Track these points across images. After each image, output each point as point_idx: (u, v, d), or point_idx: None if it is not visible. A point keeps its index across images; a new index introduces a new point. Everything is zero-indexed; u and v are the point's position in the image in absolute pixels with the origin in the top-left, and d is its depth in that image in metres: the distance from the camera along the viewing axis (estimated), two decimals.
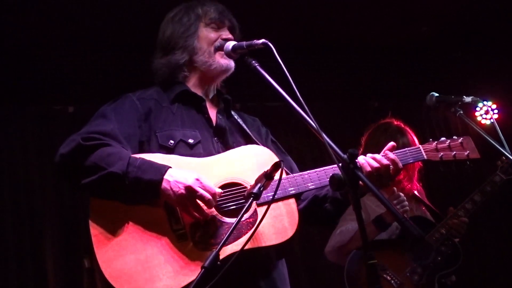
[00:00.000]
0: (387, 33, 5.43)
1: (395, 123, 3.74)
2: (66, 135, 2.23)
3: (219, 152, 2.34)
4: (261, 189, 1.95)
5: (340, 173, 1.83)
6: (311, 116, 1.95)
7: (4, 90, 4.68)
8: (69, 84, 4.85)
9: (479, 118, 5.72)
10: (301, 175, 2.32)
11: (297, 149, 5.29)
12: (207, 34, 2.49)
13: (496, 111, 5.70)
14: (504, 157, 3.48)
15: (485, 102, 5.27)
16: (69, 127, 4.82)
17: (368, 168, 2.26)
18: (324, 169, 2.33)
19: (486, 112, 5.57)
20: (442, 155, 2.48)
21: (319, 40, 5.39)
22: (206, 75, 2.49)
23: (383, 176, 2.29)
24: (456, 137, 2.56)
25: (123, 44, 4.82)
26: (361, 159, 2.29)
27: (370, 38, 5.50)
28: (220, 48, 2.45)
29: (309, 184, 2.29)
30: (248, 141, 2.46)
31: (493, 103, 5.70)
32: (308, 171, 2.35)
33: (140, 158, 2.13)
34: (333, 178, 2.31)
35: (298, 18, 5.07)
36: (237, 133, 2.48)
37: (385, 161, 2.29)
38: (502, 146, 2.84)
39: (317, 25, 5.19)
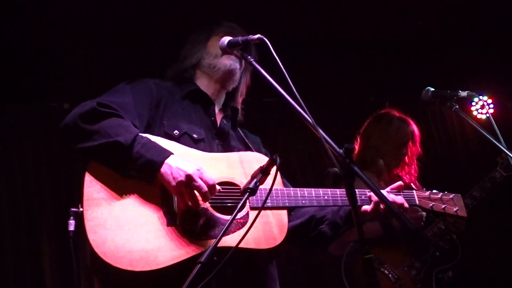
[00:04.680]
0: (383, 28, 5.43)
1: (391, 113, 3.78)
2: None
3: None
4: (257, 184, 1.96)
5: (335, 168, 1.83)
6: (307, 111, 1.96)
7: (0, 88, 4.67)
8: (65, 81, 4.84)
9: (474, 113, 5.73)
10: (296, 189, 2.35)
11: (293, 144, 5.29)
12: (216, 42, 2.55)
13: (491, 105, 5.70)
14: (504, 154, 3.50)
15: (480, 97, 5.30)
16: None
17: (382, 205, 2.35)
18: (319, 190, 2.38)
19: (482, 107, 5.58)
20: (433, 205, 2.59)
21: (314, 35, 5.39)
22: (212, 78, 2.58)
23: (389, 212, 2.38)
24: (447, 192, 2.67)
25: (119, 41, 4.82)
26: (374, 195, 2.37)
27: (366, 33, 5.50)
28: (227, 52, 2.47)
29: (304, 201, 2.33)
30: (248, 151, 2.52)
31: (489, 98, 5.71)
32: (303, 188, 2.38)
33: (146, 137, 2.17)
34: (329, 172, 2.32)
35: (294, 14, 5.06)
36: (238, 141, 2.56)
37: (399, 201, 2.39)
38: (498, 140, 2.85)
39: (313, 20, 5.19)
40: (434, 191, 2.63)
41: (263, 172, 1.98)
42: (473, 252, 5.56)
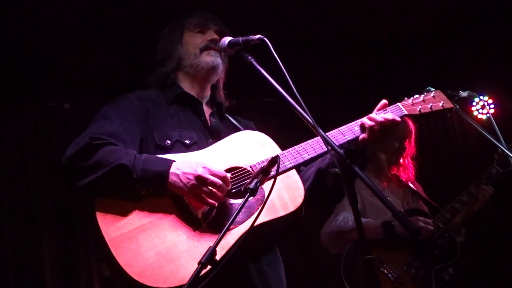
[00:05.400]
0: (383, 28, 5.43)
1: None
2: (62, 131, 2.24)
3: None
4: (258, 184, 1.96)
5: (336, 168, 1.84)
6: (307, 112, 1.97)
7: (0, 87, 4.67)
8: (65, 80, 4.83)
9: (475, 113, 5.71)
10: (294, 148, 2.40)
11: (294, 145, 5.27)
12: (192, 39, 2.59)
13: (492, 105, 5.69)
14: (500, 150, 3.52)
15: (481, 97, 5.30)
16: (65, 124, 4.82)
17: (370, 123, 2.39)
18: (315, 139, 2.42)
19: (482, 107, 5.57)
20: (420, 108, 2.60)
21: (314, 35, 5.38)
22: (196, 77, 2.57)
23: (384, 132, 2.41)
24: (426, 92, 2.68)
25: (119, 41, 4.81)
26: (366, 120, 2.41)
27: (366, 33, 5.49)
28: (206, 48, 2.54)
29: (305, 155, 2.37)
30: None
31: (489, 98, 5.69)
32: (300, 144, 2.41)
33: (144, 154, 2.19)
34: (330, 173, 2.34)
35: (294, 14, 5.06)
36: (230, 133, 2.52)
37: (389, 117, 2.42)
38: (498, 140, 2.86)
39: (313, 20, 5.18)
40: (415, 95, 2.65)
41: (263, 172, 1.99)
42: (473, 251, 5.57)
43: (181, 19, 2.67)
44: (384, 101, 2.53)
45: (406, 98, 2.65)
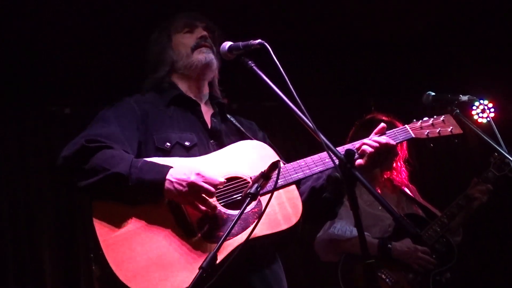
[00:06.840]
0: (383, 30, 5.42)
1: (377, 117, 3.79)
2: (62, 136, 2.25)
3: None
4: (258, 189, 1.96)
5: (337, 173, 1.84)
6: (308, 116, 1.96)
7: (0, 92, 4.65)
8: (66, 85, 4.82)
9: (475, 117, 5.69)
10: (297, 163, 2.34)
11: (294, 149, 5.28)
12: (181, 40, 2.58)
13: (492, 109, 5.68)
14: (496, 153, 3.52)
15: (481, 101, 5.30)
16: (65, 129, 4.82)
17: (370, 149, 2.33)
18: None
19: (483, 111, 5.55)
20: (428, 132, 2.55)
21: (315, 36, 5.38)
22: (192, 77, 2.56)
23: (381, 155, 2.36)
24: (436, 116, 2.63)
25: (120, 46, 4.79)
26: (364, 146, 2.35)
27: (365, 35, 5.48)
28: (197, 46, 2.53)
29: (315, 168, 2.32)
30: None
31: (490, 102, 5.68)
32: (305, 158, 2.36)
33: (141, 159, 2.17)
34: (330, 177, 2.33)
35: (294, 15, 5.05)
36: (232, 136, 2.52)
37: (383, 141, 2.36)
38: (499, 144, 2.85)
39: (313, 20, 5.18)
40: (425, 118, 2.60)
41: (264, 177, 1.98)
42: (472, 252, 5.57)
43: (166, 23, 2.66)
44: (383, 125, 2.47)
45: (415, 120, 2.60)
